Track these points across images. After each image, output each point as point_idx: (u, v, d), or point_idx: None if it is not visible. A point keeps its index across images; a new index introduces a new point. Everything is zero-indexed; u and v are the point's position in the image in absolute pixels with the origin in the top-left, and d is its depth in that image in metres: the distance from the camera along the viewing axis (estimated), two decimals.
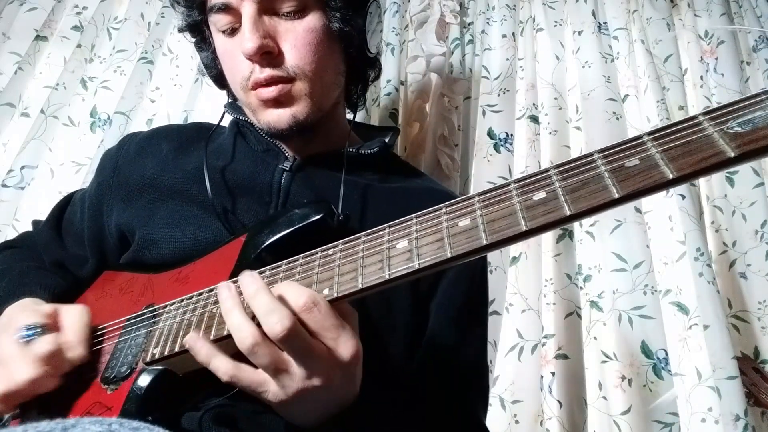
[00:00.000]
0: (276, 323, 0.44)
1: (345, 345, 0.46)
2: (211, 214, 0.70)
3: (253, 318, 0.46)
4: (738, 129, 0.35)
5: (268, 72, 0.67)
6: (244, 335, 0.45)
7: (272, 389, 0.47)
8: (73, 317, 0.60)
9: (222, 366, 0.47)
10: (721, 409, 1.12)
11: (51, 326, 0.58)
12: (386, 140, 0.80)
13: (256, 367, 0.47)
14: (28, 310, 0.60)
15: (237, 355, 0.47)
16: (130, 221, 0.74)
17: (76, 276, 0.81)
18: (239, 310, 0.47)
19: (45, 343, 0.55)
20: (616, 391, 1.15)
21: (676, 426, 1.10)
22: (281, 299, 0.46)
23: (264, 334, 0.45)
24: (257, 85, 0.68)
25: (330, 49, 0.70)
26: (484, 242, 0.41)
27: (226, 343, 0.49)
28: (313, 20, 0.68)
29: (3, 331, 0.58)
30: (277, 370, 0.46)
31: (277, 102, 0.69)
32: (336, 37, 0.71)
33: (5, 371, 0.54)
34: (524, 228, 0.40)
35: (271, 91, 0.68)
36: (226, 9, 0.67)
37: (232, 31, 0.69)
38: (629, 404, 1.13)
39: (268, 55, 0.67)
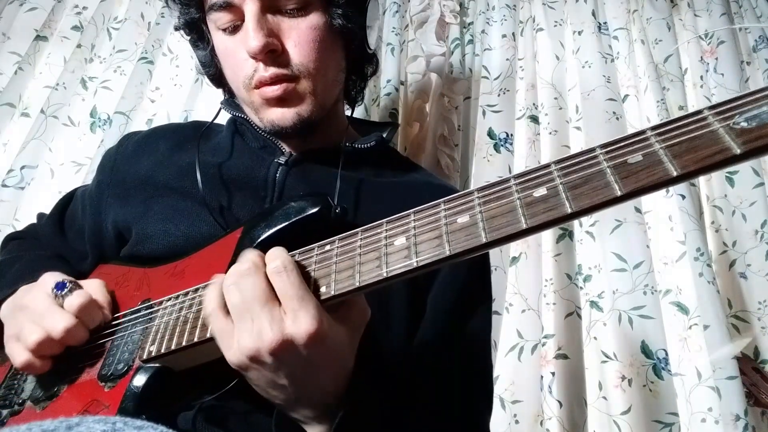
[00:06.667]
0: (241, 264, 0.48)
1: (302, 318, 0.44)
2: (205, 208, 0.70)
3: None
4: (744, 125, 0.34)
5: (272, 70, 0.67)
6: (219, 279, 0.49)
7: (231, 344, 0.46)
8: (95, 285, 0.64)
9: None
10: (721, 409, 1.11)
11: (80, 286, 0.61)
12: (383, 135, 0.80)
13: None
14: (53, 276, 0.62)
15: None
16: (126, 219, 0.75)
17: (77, 271, 0.81)
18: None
19: (80, 296, 0.59)
20: (616, 391, 1.14)
21: (676, 426, 1.10)
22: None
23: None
24: (261, 84, 0.68)
25: (332, 46, 0.70)
26: (484, 240, 0.40)
27: None
28: (315, 17, 0.68)
29: (34, 289, 0.61)
30: (238, 316, 0.46)
31: (282, 100, 0.68)
32: (338, 34, 0.71)
33: (41, 322, 0.57)
34: (524, 226, 0.39)
35: (275, 90, 0.67)
36: (227, 7, 0.67)
37: (234, 29, 0.68)
38: (629, 404, 1.12)
39: (272, 53, 0.66)
